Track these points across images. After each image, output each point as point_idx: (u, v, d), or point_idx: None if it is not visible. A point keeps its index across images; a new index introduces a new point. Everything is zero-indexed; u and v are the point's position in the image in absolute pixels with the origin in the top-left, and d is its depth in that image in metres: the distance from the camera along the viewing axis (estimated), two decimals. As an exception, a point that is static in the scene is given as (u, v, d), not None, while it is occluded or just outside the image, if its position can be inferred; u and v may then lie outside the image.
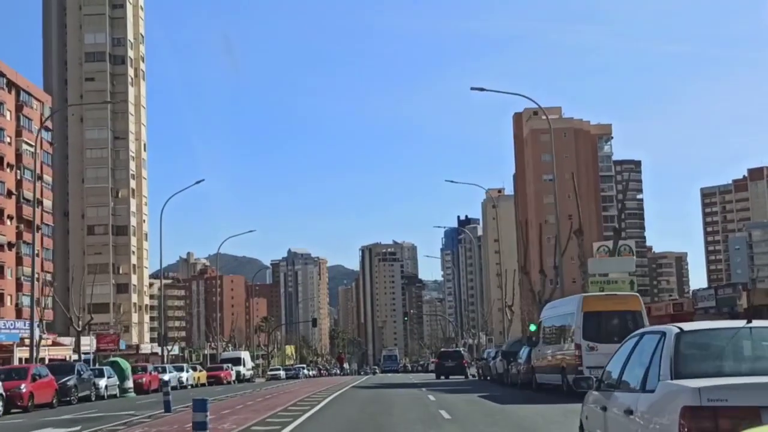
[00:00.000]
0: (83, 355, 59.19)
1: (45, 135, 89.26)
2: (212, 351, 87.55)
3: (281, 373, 77.28)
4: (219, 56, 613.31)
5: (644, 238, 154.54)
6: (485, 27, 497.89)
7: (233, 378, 60.95)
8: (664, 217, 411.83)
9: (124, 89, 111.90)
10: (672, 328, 6.66)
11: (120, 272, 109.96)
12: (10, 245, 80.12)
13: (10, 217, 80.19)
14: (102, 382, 35.91)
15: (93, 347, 67.77)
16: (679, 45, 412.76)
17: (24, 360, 52.91)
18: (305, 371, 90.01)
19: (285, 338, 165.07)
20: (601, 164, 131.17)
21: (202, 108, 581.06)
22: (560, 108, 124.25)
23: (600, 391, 7.72)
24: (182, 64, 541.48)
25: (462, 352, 54.91)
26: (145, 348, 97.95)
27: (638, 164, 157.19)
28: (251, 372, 71.39)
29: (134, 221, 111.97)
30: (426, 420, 16.97)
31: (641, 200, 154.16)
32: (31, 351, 39.84)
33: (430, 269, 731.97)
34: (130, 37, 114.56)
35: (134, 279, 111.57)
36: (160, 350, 71.75)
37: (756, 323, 6.61)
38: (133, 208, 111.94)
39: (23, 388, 27.82)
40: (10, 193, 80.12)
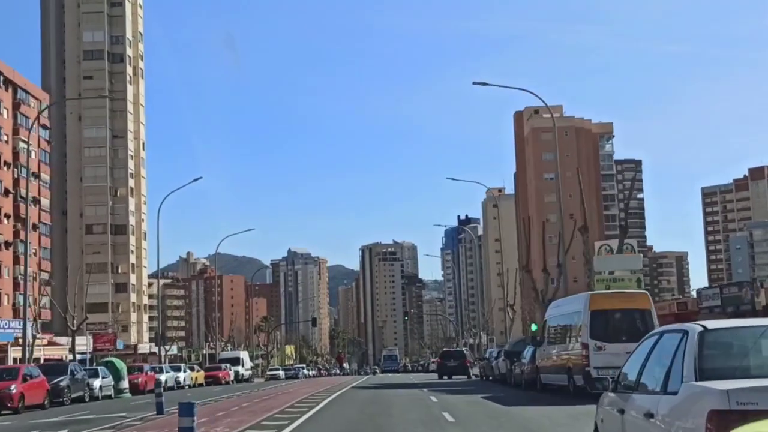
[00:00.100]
0: (80, 355, 58.75)
1: (43, 133, 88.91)
2: (211, 351, 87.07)
3: (280, 373, 76.94)
4: (219, 55, 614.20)
5: (645, 238, 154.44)
6: (485, 27, 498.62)
7: (232, 378, 60.63)
8: (665, 217, 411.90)
9: (123, 87, 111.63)
10: (695, 327, 6.30)
11: (119, 272, 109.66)
12: (7, 244, 79.71)
13: (8, 216, 79.82)
14: (96, 383, 35.34)
15: (90, 347, 67.27)
16: (679, 45, 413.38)
17: (18, 360, 52.29)
18: (305, 371, 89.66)
19: (285, 338, 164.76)
20: (603, 163, 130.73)
21: (202, 107, 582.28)
22: (561, 107, 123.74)
23: (616, 393, 7.40)
24: (182, 63, 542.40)
25: (464, 352, 54.38)
26: (144, 348, 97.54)
27: (639, 164, 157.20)
28: (250, 372, 71.02)
29: (133, 220, 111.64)
30: (428, 423, 16.53)
31: (642, 200, 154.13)
32: (24, 351, 39.32)
33: (431, 269, 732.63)
34: (129, 36, 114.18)
35: (133, 278, 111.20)
36: (158, 350, 71.25)
37: None
38: (132, 207, 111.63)
39: (13, 389, 27.26)
40: (7, 192, 79.72)
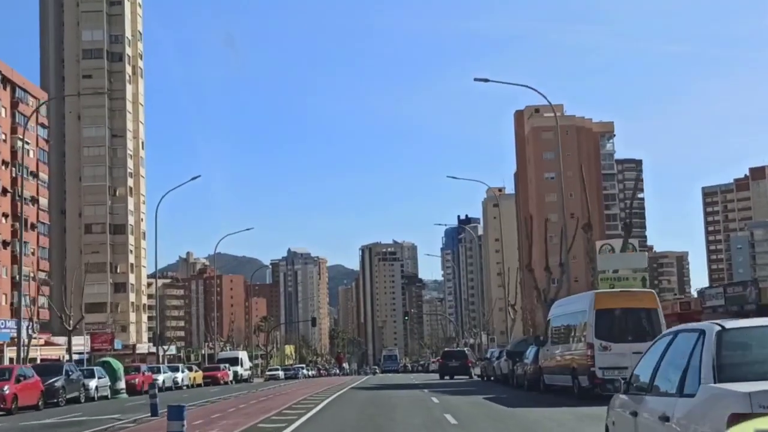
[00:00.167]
0: (78, 355, 58.31)
1: (41, 132, 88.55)
2: (210, 351, 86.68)
3: (280, 374, 76.57)
4: (219, 55, 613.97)
5: (645, 237, 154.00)
6: (485, 27, 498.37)
7: (230, 378, 60.26)
8: (665, 217, 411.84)
9: (122, 86, 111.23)
10: (712, 326, 6.08)
11: (118, 271, 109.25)
12: (6, 244, 79.33)
13: (6, 216, 79.48)
14: (92, 383, 34.89)
15: (87, 347, 66.84)
16: (680, 45, 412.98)
17: (14, 360, 51.87)
18: (304, 371, 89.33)
19: (284, 338, 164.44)
20: (604, 162, 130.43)
21: (202, 107, 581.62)
22: (562, 106, 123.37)
23: (628, 395, 7.17)
24: (182, 63, 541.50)
25: (466, 352, 53.96)
26: (143, 348, 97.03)
27: (639, 163, 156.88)
28: (249, 372, 70.58)
29: (132, 220, 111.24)
30: (430, 425, 16.17)
31: (642, 199, 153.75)
32: (18, 351, 38.87)
33: (431, 269, 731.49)
34: (128, 35, 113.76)
35: (132, 278, 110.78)
36: (156, 350, 70.79)
37: None
38: (131, 207, 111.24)
39: (6, 390, 26.85)
40: (6, 191, 79.35)
